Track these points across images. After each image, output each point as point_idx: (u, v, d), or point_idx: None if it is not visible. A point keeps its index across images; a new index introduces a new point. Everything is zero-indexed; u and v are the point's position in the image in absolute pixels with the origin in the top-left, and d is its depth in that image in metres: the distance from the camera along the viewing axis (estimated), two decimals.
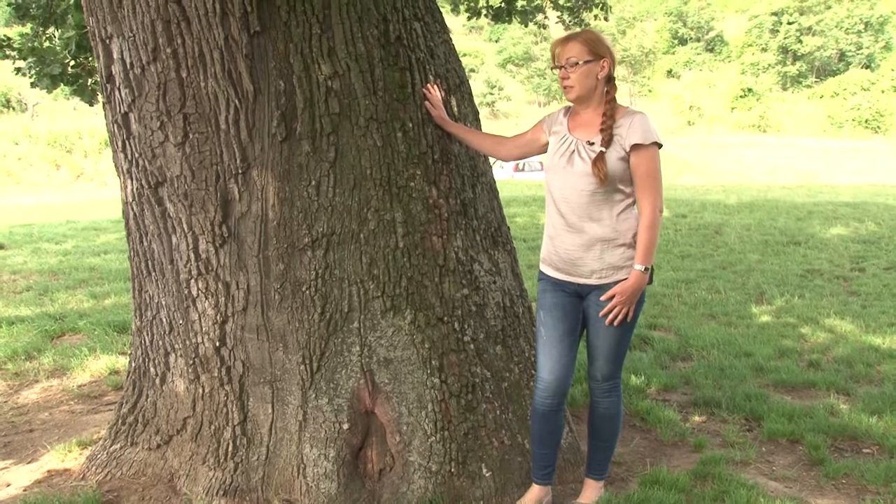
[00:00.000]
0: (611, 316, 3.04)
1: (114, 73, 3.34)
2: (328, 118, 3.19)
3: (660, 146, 2.99)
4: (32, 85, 5.65)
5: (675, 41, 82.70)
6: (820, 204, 15.18)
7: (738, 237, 11.02)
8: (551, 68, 3.13)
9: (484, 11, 8.76)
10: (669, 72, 77.27)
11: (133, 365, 3.66)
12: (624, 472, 3.69)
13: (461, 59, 3.94)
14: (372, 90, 3.23)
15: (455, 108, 3.59)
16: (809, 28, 73.21)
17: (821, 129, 65.33)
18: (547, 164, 3.15)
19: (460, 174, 3.49)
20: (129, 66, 3.25)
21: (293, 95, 3.17)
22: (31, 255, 10.60)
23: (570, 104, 3.17)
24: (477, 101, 4.03)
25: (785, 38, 73.40)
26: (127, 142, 3.39)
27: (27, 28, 7.95)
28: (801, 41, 73.00)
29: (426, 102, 3.37)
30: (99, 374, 5.33)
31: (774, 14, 74.90)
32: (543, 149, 3.23)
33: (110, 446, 3.58)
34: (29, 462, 3.91)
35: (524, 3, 9.31)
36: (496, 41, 78.43)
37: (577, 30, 3.40)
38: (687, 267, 9.01)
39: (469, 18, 8.91)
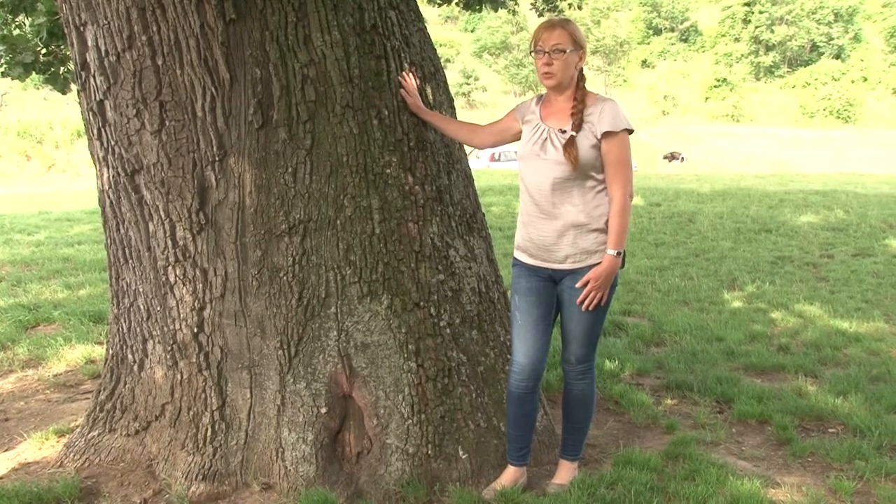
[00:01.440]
0: (586, 301, 3.10)
1: (88, 60, 3.34)
2: (304, 106, 3.21)
3: (630, 132, 3.04)
4: (3, 74, 5.60)
5: (650, 31, 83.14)
6: (791, 192, 15.38)
7: (710, 225, 11.16)
8: (531, 52, 3.14)
9: (454, 0, 8.76)
10: (644, 62, 77.71)
11: (111, 352, 3.67)
12: (598, 454, 3.76)
13: (437, 49, 3.97)
14: (348, 78, 3.26)
15: (430, 97, 3.62)
16: (781, 18, 73.89)
17: (793, 119, 66.10)
18: (520, 152, 3.20)
19: (436, 161, 3.53)
20: (104, 54, 3.25)
21: (269, 83, 3.19)
22: (2, 245, 10.49)
23: (542, 93, 3.21)
24: (453, 90, 4.07)
25: (757, 28, 74.00)
26: (102, 130, 3.39)
27: None
28: (772, 31, 73.65)
29: (401, 90, 3.40)
30: (75, 363, 5.31)
31: (746, 4, 75.49)
32: (517, 137, 3.27)
33: (88, 433, 3.59)
34: (5, 451, 3.90)
35: None
36: (472, 31, 78.40)
37: (557, 17, 3.43)
38: (661, 254, 9.12)
39: (439, 6, 8.89)
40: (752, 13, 74.86)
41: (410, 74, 3.46)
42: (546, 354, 3.23)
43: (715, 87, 70.57)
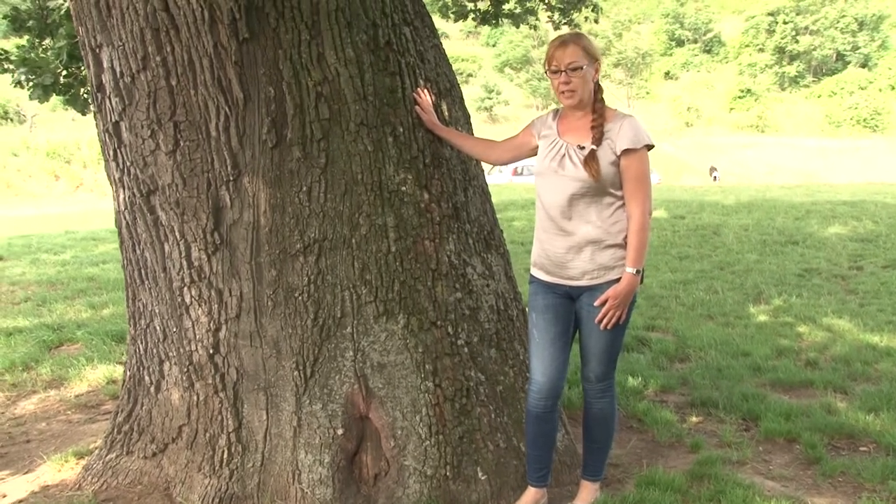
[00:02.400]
0: (605, 320, 3.04)
1: (104, 81, 3.35)
2: (318, 124, 3.19)
3: (650, 148, 2.99)
4: (30, 97, 5.66)
5: (673, 43, 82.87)
6: (818, 203, 15.18)
7: (736, 237, 11.03)
8: (547, 72, 3.10)
9: (472, 15, 8.77)
10: (667, 73, 77.42)
11: (128, 374, 3.66)
12: (620, 474, 3.68)
13: (459, 63, 3.94)
14: (362, 95, 3.24)
15: (446, 113, 3.59)
16: (806, 27, 73.36)
17: (819, 129, 65.43)
18: (537, 168, 3.15)
19: (452, 178, 3.50)
20: (119, 75, 3.26)
21: (283, 102, 3.18)
22: (29, 265, 10.61)
23: (558, 107, 3.17)
24: (475, 105, 4.07)
25: (781, 38, 73.52)
26: (118, 150, 3.39)
27: (24, 40, 7.98)
28: (797, 40, 73.12)
29: (416, 107, 3.37)
30: (97, 383, 5.33)
31: (770, 14, 75.04)
32: (533, 152, 3.23)
33: (106, 455, 3.58)
34: (25, 473, 3.90)
35: (514, 6, 9.31)
36: (493, 45, 78.56)
37: (568, 31, 3.39)
38: (685, 268, 9.01)
39: (455, 21, 8.91)
40: (777, 23, 74.36)
41: (426, 91, 3.44)
42: (564, 373, 3.17)
43: (739, 97, 70.07)
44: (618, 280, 3.02)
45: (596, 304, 3.04)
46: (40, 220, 20.39)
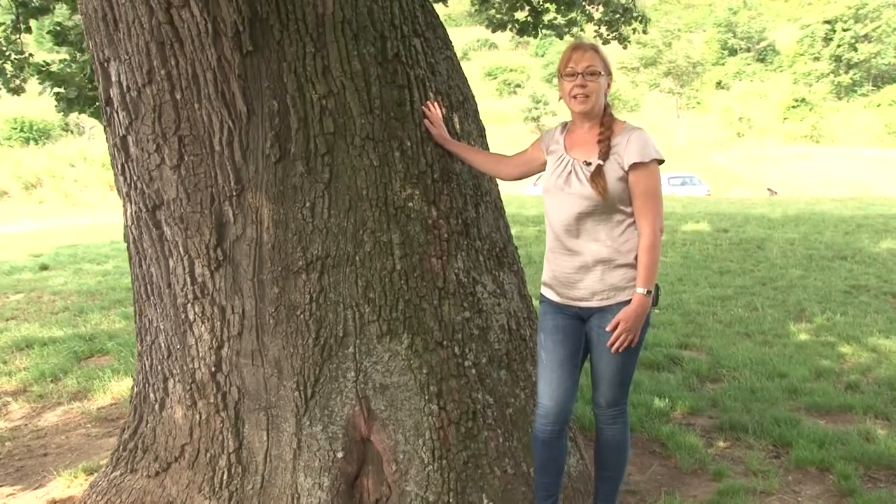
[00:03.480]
0: (616, 344, 2.90)
1: (112, 96, 3.33)
2: (322, 138, 3.12)
3: (661, 162, 2.85)
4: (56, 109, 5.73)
5: (725, 52, 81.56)
6: (870, 217, 14.69)
7: (780, 252, 10.70)
8: (560, 77, 2.97)
9: (509, 26, 8.67)
10: (719, 83, 76.13)
11: (135, 390, 3.63)
12: (637, 502, 3.53)
13: (507, 74, 3.83)
14: (368, 108, 3.16)
15: (458, 126, 3.50)
16: (865, 35, 71.58)
17: (878, 139, 63.66)
18: (544, 185, 3.03)
19: (462, 193, 3.39)
20: (125, 89, 3.23)
21: (287, 115, 3.11)
22: (72, 275, 10.79)
23: (566, 121, 3.05)
24: (522, 116, 3.92)
25: (839, 46, 71.86)
26: (126, 165, 3.37)
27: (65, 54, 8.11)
28: (855, 48, 71.39)
29: (425, 120, 3.28)
30: (120, 396, 5.33)
31: (827, 22, 73.41)
32: (543, 167, 3.11)
33: (111, 473, 3.54)
34: (36, 488, 3.90)
35: (554, 17, 9.19)
36: (542, 55, 78.25)
37: (585, 40, 3.25)
38: (725, 283, 8.75)
39: (494, 31, 8.82)
40: (834, 31, 72.67)
41: (436, 104, 3.35)
42: (573, 397, 3.03)
43: (793, 107, 68.50)
44: (629, 301, 2.88)
45: (608, 328, 2.90)
46: (91, 229, 20.78)
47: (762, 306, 7.56)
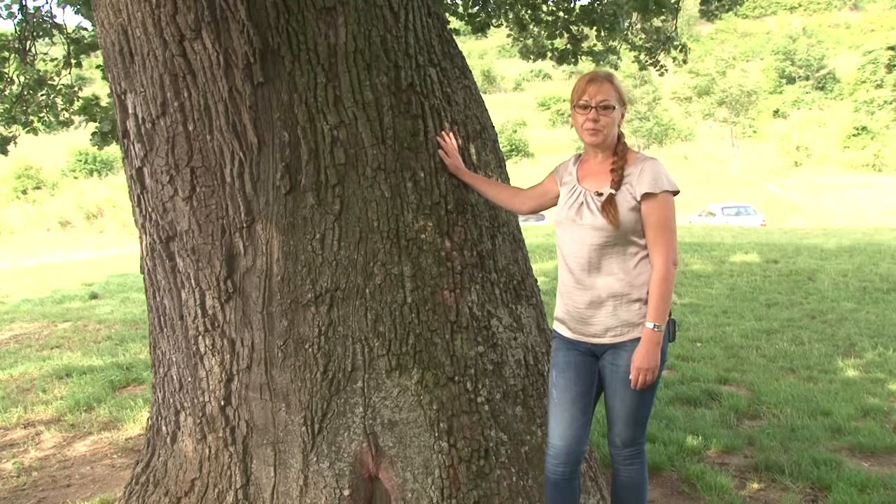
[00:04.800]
0: (634, 383, 2.78)
1: (129, 127, 3.35)
2: (333, 169, 3.08)
3: (675, 193, 2.74)
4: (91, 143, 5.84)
5: (783, 80, 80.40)
6: None
7: (832, 284, 10.36)
8: (574, 107, 2.90)
9: (549, 54, 8.61)
10: (776, 112, 74.98)
11: (150, 422, 3.61)
12: None
13: (561, 104, 3.76)
14: (380, 139, 3.12)
15: (474, 156, 3.43)
16: None
17: None
18: (556, 216, 2.94)
19: (477, 225, 3.32)
20: (141, 121, 3.25)
21: (297, 146, 3.09)
22: (119, 304, 10.97)
23: (580, 152, 2.97)
24: (575, 145, 3.83)
25: None
26: (141, 196, 3.38)
27: None
28: None
29: (440, 151, 3.23)
30: None
31: (891, 48, 71.87)
32: (556, 200, 3.02)
33: None
34: None
35: (594, 43, 9.11)
36: None
37: (602, 69, 3.16)
38: (772, 316, 8.48)
39: (533, 61, 8.77)
40: None
41: (451, 134, 3.29)
42: (586, 437, 2.91)
43: (854, 135, 66.98)
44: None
45: (630, 379, 2.77)
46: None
47: (809, 340, 7.29)
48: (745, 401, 5.40)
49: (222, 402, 3.22)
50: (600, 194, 2.77)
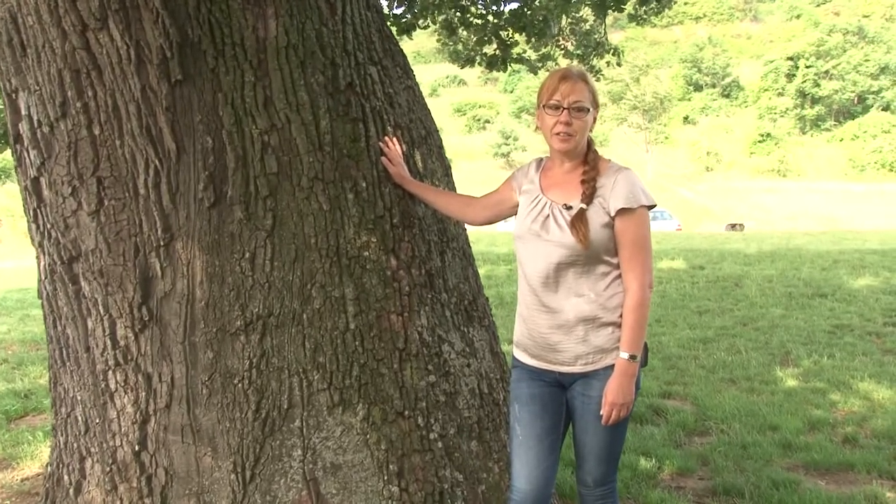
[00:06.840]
0: (607, 419, 2.49)
1: (21, 131, 2.90)
2: (264, 179, 2.72)
3: (651, 207, 2.47)
4: None
5: (691, 87, 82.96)
6: (846, 252, 14.53)
7: (759, 290, 10.42)
8: (541, 107, 2.54)
9: (478, 59, 8.37)
10: (686, 118, 77.27)
11: (49, 470, 3.16)
12: None
13: (476, 110, 3.47)
14: (317, 145, 2.76)
15: (420, 164, 3.11)
16: (827, 72, 73.18)
17: (842, 173, 64.74)
18: (516, 230, 2.60)
19: (426, 240, 3.00)
20: (36, 124, 2.82)
21: (223, 154, 2.71)
22: (17, 322, 10.20)
23: (542, 157, 2.67)
24: (492, 151, 3.58)
25: (802, 83, 73.35)
26: (38, 210, 2.94)
27: None
28: (818, 85, 72.89)
29: (383, 158, 2.89)
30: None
31: (790, 59, 74.99)
32: (514, 210, 2.69)
33: None
34: None
35: (524, 50, 8.92)
36: (511, 91, 78.85)
37: (573, 65, 2.84)
38: (705, 324, 8.41)
39: (462, 67, 8.52)
40: (797, 67, 74.16)
41: (395, 139, 2.96)
42: (553, 477, 2.61)
43: (759, 141, 69.55)
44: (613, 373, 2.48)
45: (603, 420, 2.48)
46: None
47: (745, 349, 7.21)
48: (691, 416, 5.21)
49: (136, 447, 2.80)
50: (569, 207, 2.47)
